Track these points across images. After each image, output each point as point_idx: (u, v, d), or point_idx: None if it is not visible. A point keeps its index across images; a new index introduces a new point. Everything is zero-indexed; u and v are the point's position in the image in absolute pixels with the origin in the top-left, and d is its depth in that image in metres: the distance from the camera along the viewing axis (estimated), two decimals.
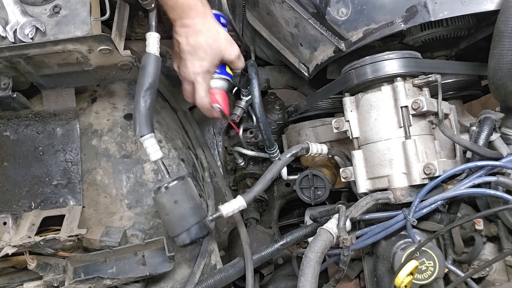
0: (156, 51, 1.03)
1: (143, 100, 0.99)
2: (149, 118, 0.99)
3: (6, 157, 1.10)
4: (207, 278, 1.08)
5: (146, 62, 1.01)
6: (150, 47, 1.02)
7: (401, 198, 0.97)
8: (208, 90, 1.12)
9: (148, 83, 1.00)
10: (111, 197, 1.12)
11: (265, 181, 1.07)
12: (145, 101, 0.99)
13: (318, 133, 1.29)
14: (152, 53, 1.02)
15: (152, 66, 1.01)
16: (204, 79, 1.10)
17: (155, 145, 1.00)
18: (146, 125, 0.99)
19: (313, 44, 1.15)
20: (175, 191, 0.99)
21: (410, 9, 0.98)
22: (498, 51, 0.90)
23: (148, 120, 0.99)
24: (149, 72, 1.00)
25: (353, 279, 1.19)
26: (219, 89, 1.14)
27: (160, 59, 1.03)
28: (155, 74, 1.01)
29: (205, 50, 1.07)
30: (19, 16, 0.92)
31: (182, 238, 0.99)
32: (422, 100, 0.95)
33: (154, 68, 1.01)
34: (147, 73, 1.00)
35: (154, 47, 1.02)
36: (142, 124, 0.98)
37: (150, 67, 1.00)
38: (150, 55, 1.01)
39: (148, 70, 1.00)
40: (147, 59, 1.01)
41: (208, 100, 1.12)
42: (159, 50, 1.03)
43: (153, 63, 1.01)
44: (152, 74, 1.00)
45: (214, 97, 1.13)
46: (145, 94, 0.99)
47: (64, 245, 1.00)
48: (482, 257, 1.02)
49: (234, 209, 1.04)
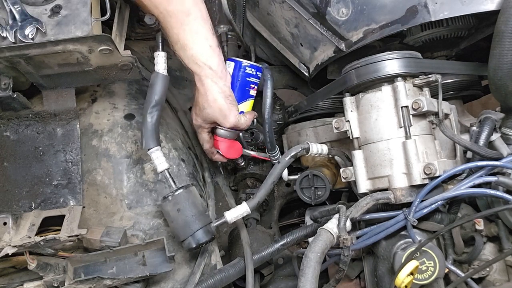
0: (164, 70, 1.09)
1: (150, 116, 1.06)
2: (155, 132, 1.07)
3: (6, 157, 1.10)
4: (207, 278, 1.08)
5: (154, 81, 1.08)
6: (158, 66, 1.09)
7: (401, 198, 0.97)
8: (206, 140, 1.21)
9: (155, 101, 1.07)
10: (111, 197, 1.12)
11: (268, 186, 1.10)
12: (151, 117, 1.06)
13: (319, 133, 1.29)
14: (160, 72, 1.08)
15: (159, 85, 1.07)
16: (198, 130, 1.20)
17: (161, 157, 1.07)
18: (152, 139, 1.06)
19: (313, 44, 1.15)
20: (178, 200, 1.05)
21: (410, 9, 0.98)
22: (498, 51, 0.90)
23: (154, 134, 1.06)
24: (156, 90, 1.07)
25: (353, 279, 1.19)
26: (223, 137, 1.20)
27: (168, 77, 1.10)
28: (162, 92, 1.08)
29: (199, 108, 1.13)
30: (19, 16, 0.92)
31: (188, 243, 1.05)
32: (423, 100, 0.95)
33: (161, 86, 1.08)
34: (154, 91, 1.07)
35: (162, 66, 1.09)
36: (148, 138, 1.06)
37: (158, 85, 1.07)
38: (158, 74, 1.08)
39: (156, 88, 1.07)
40: (155, 78, 1.08)
41: (207, 147, 1.22)
42: (166, 68, 1.10)
43: (160, 81, 1.08)
44: (160, 92, 1.07)
45: (217, 144, 1.20)
46: (152, 111, 1.06)
47: (64, 245, 1.00)
48: (483, 257, 1.02)
49: (238, 215, 1.09)
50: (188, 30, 1.04)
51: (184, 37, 1.04)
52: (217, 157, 1.24)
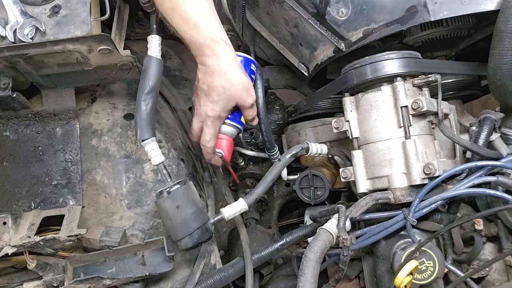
0: (158, 53, 1.02)
1: (144, 104, 0.98)
2: (151, 122, 0.99)
3: (6, 157, 1.10)
4: (206, 278, 1.08)
5: (148, 65, 1.00)
6: (152, 49, 1.02)
7: (401, 198, 0.97)
8: (215, 136, 1.08)
9: (149, 86, 0.99)
10: (111, 197, 1.12)
11: (266, 183, 1.08)
12: (146, 104, 0.98)
13: (318, 133, 1.29)
14: (154, 56, 1.01)
15: (153, 69, 1.00)
16: (213, 123, 1.05)
17: (156, 149, 1.00)
18: (147, 129, 0.98)
19: (313, 44, 1.15)
20: (177, 196, 0.99)
21: (410, 9, 0.98)
22: (498, 51, 0.90)
23: (149, 124, 0.98)
24: (150, 75, 0.99)
25: (353, 279, 1.19)
26: (227, 135, 1.11)
27: (162, 61, 1.03)
28: (156, 77, 1.00)
29: (219, 93, 1.01)
30: (19, 16, 0.92)
31: (185, 242, 1.00)
32: (422, 100, 0.95)
33: (155, 71, 1.00)
34: (148, 76, 0.99)
35: (156, 50, 1.02)
36: (143, 128, 0.98)
37: (152, 70, 1.00)
38: (152, 58, 1.01)
39: (150, 73, 1.00)
40: (149, 62, 1.01)
41: (212, 145, 1.08)
42: (160, 52, 1.03)
43: (154, 66, 1.00)
44: (154, 77, 1.00)
45: (219, 142, 1.10)
46: (146, 98, 0.99)
47: (63, 245, 1.00)
48: (482, 257, 1.02)
49: (235, 211, 1.05)
50: (198, 7, 0.96)
51: (197, 15, 0.95)
52: (216, 159, 1.12)
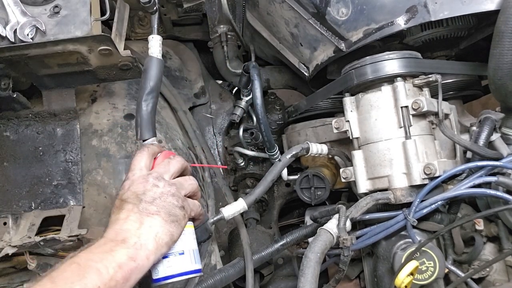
0: (159, 54, 1.02)
1: (145, 104, 0.98)
2: (151, 122, 0.98)
3: (6, 157, 1.10)
4: (207, 278, 1.08)
5: (149, 65, 1.00)
6: (153, 49, 1.01)
7: (401, 198, 0.97)
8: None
9: (150, 87, 0.98)
10: (111, 197, 1.12)
11: (266, 183, 1.08)
12: (147, 104, 0.98)
13: (318, 133, 1.29)
14: (155, 56, 1.01)
15: (154, 69, 0.99)
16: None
17: None
18: (148, 129, 0.98)
19: (313, 44, 1.15)
20: None
21: (410, 9, 0.98)
22: (498, 51, 0.90)
23: (150, 124, 0.98)
24: (151, 75, 0.99)
25: (353, 279, 1.19)
26: None
27: (163, 61, 1.02)
28: (157, 77, 1.00)
29: None
30: (19, 16, 0.92)
31: None
32: (422, 100, 0.95)
33: (156, 71, 1.00)
34: (149, 76, 0.99)
35: (157, 50, 1.02)
36: (144, 128, 0.97)
37: (153, 70, 0.99)
38: (153, 58, 1.01)
39: (151, 73, 0.99)
40: (150, 62, 1.00)
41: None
42: (161, 52, 1.02)
43: (155, 66, 1.00)
44: (155, 77, 0.99)
45: None
46: (147, 98, 0.98)
47: (64, 245, 1.00)
48: (482, 257, 1.02)
49: (235, 211, 1.05)
50: None
51: None
52: None
